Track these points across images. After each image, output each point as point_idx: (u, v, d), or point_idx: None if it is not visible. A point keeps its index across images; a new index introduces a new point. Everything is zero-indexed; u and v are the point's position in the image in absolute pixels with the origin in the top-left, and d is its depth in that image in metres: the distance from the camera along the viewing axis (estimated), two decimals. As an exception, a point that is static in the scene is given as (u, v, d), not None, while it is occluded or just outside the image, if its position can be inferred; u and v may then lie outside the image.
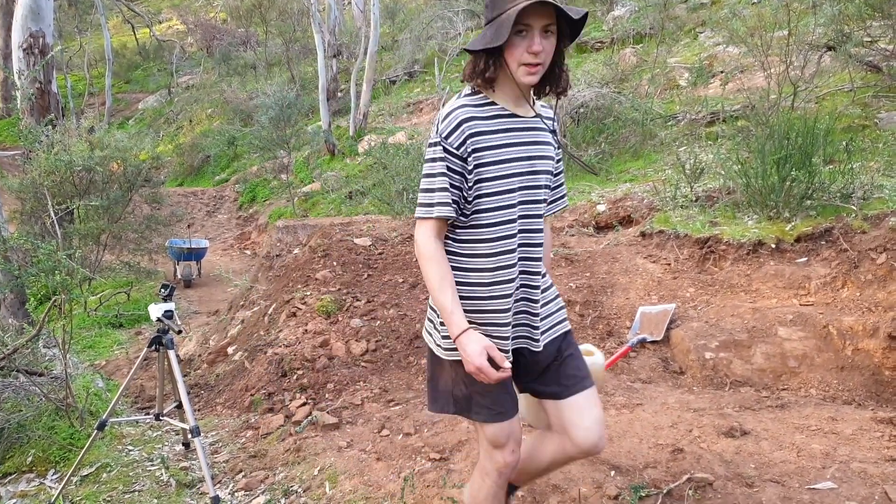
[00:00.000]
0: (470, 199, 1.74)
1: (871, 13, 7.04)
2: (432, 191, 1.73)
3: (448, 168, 1.72)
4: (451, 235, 1.79)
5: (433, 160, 1.74)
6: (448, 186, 1.72)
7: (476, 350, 1.65)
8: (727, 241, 4.80)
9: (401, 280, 4.95)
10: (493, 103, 1.75)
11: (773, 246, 4.64)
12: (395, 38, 18.56)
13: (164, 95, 22.15)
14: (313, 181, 13.63)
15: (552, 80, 1.77)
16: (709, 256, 4.86)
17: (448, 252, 1.78)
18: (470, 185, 1.73)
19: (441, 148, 1.72)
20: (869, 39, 7.45)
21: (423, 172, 1.76)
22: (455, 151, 1.71)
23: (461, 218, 1.75)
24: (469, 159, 1.71)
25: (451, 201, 1.72)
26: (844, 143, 5.52)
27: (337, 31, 16.45)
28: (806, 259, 4.51)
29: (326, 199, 12.47)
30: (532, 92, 1.79)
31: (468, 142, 1.71)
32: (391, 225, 6.12)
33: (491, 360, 1.67)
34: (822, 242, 4.55)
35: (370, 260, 5.19)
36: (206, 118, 19.52)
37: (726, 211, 5.32)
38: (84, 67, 22.89)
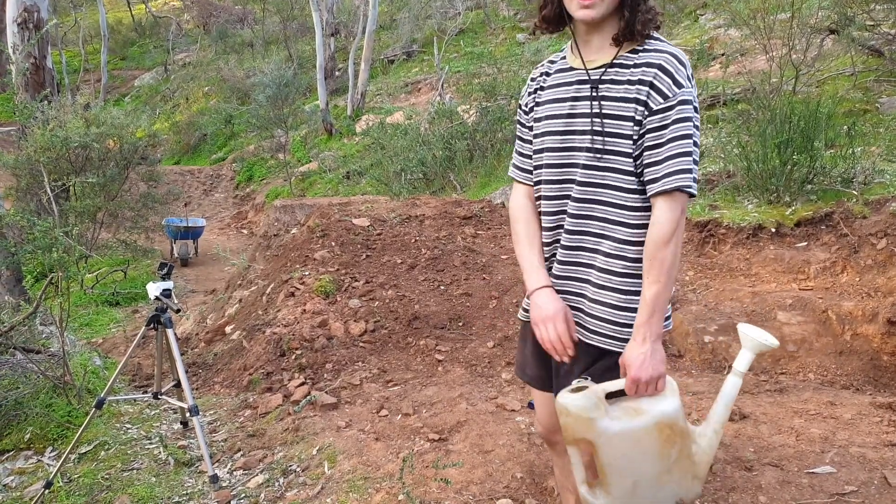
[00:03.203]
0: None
1: (875, -4, 6.97)
2: (515, 153, 1.78)
3: (519, 125, 1.75)
4: None
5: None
6: (517, 146, 1.76)
7: (544, 310, 1.59)
8: (727, 224, 4.78)
9: (399, 261, 4.93)
10: (564, 58, 1.65)
11: (773, 230, 4.62)
12: (393, 17, 18.36)
13: (160, 73, 21.94)
14: (310, 161, 13.57)
15: (621, 21, 1.50)
16: (708, 240, 4.85)
17: None
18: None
19: (518, 106, 1.75)
20: (871, 23, 7.38)
21: None
22: (524, 108, 1.73)
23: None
24: (530, 115, 1.70)
25: (515, 163, 1.76)
26: (846, 127, 5.50)
27: (335, 10, 16.25)
28: (806, 244, 4.51)
29: (324, 178, 12.42)
30: (618, 39, 1.53)
31: (532, 97, 1.70)
32: (389, 205, 6.09)
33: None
34: (823, 227, 4.54)
35: (369, 240, 5.16)
36: (202, 96, 19.35)
37: (726, 195, 5.30)
38: (79, 43, 22.60)
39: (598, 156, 1.55)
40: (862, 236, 4.29)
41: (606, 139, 1.54)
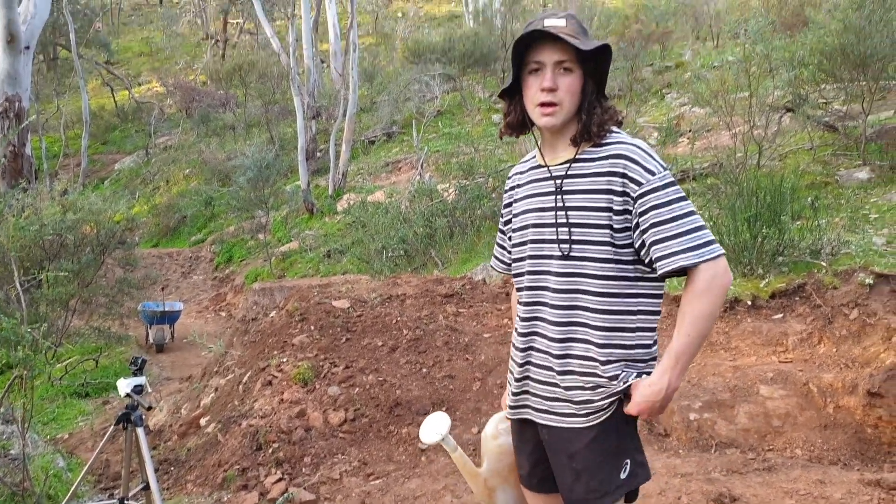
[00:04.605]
0: None
1: (824, 77, 7.39)
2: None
3: (502, 217, 1.89)
4: None
5: None
6: (497, 238, 1.91)
7: None
8: (704, 298, 4.83)
9: (380, 343, 4.87)
10: (534, 157, 1.78)
11: (749, 303, 4.68)
12: (373, 100, 18.92)
13: (141, 156, 22.14)
14: (291, 240, 13.58)
15: (578, 124, 1.62)
16: (687, 314, 4.88)
17: None
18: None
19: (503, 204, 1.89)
20: (824, 101, 7.78)
21: None
22: (505, 203, 1.86)
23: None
24: (508, 210, 1.84)
25: (497, 256, 1.91)
26: (810, 199, 5.68)
27: (316, 94, 16.74)
28: (782, 315, 4.55)
29: (304, 258, 12.39)
30: (576, 140, 1.63)
31: (508, 194, 1.84)
32: (370, 285, 6.07)
33: None
34: (797, 298, 4.60)
35: (349, 323, 5.11)
36: (183, 178, 19.50)
37: (701, 268, 5.38)
38: (60, 129, 22.87)
39: (567, 247, 1.61)
40: (835, 307, 4.35)
41: (574, 230, 1.62)
